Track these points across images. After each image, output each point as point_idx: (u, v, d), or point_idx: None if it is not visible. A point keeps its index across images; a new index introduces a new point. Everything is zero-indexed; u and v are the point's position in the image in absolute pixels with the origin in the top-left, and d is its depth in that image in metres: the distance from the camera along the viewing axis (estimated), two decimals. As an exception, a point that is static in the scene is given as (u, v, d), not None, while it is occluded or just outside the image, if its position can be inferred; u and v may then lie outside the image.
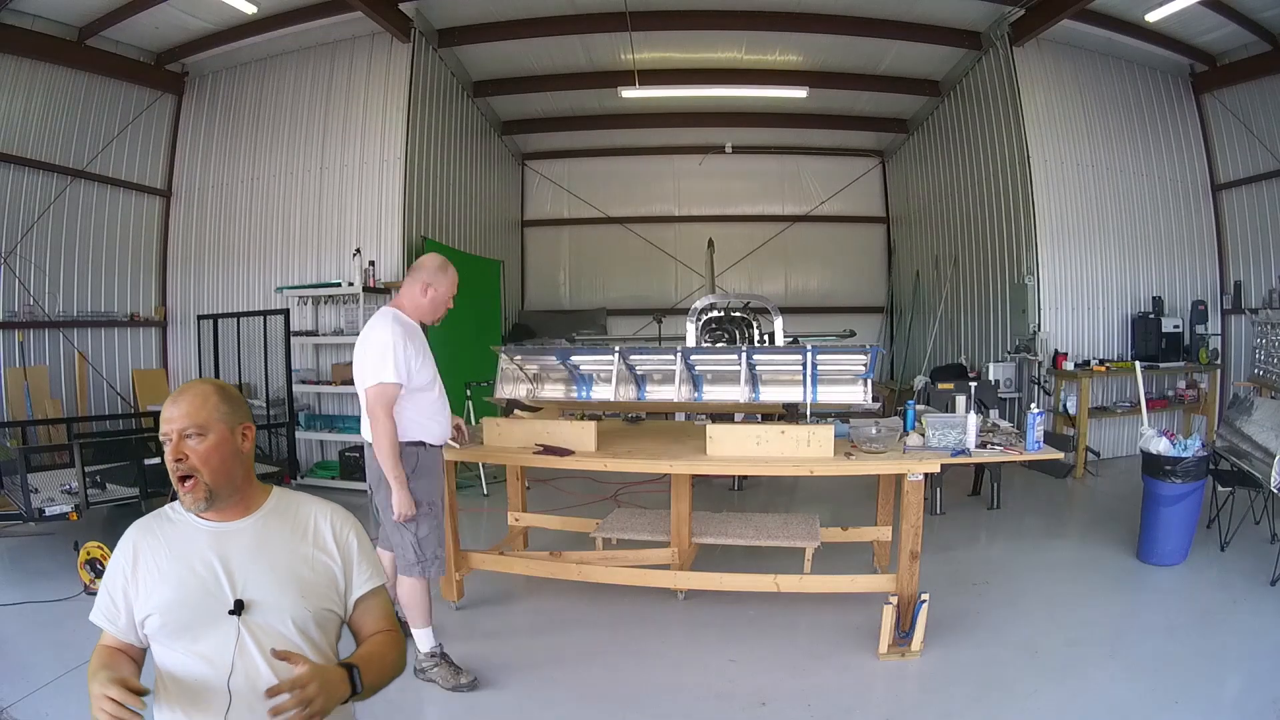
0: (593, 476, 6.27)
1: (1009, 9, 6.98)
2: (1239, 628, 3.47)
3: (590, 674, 3.16)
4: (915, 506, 3.26)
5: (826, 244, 11.50)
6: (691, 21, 7.43)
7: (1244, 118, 7.29)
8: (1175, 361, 7.03)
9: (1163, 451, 4.22)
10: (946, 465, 3.37)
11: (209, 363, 6.81)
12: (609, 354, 3.87)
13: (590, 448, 3.55)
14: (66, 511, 4.09)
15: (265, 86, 7.57)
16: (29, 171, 6.37)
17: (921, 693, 3.03)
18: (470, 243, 8.99)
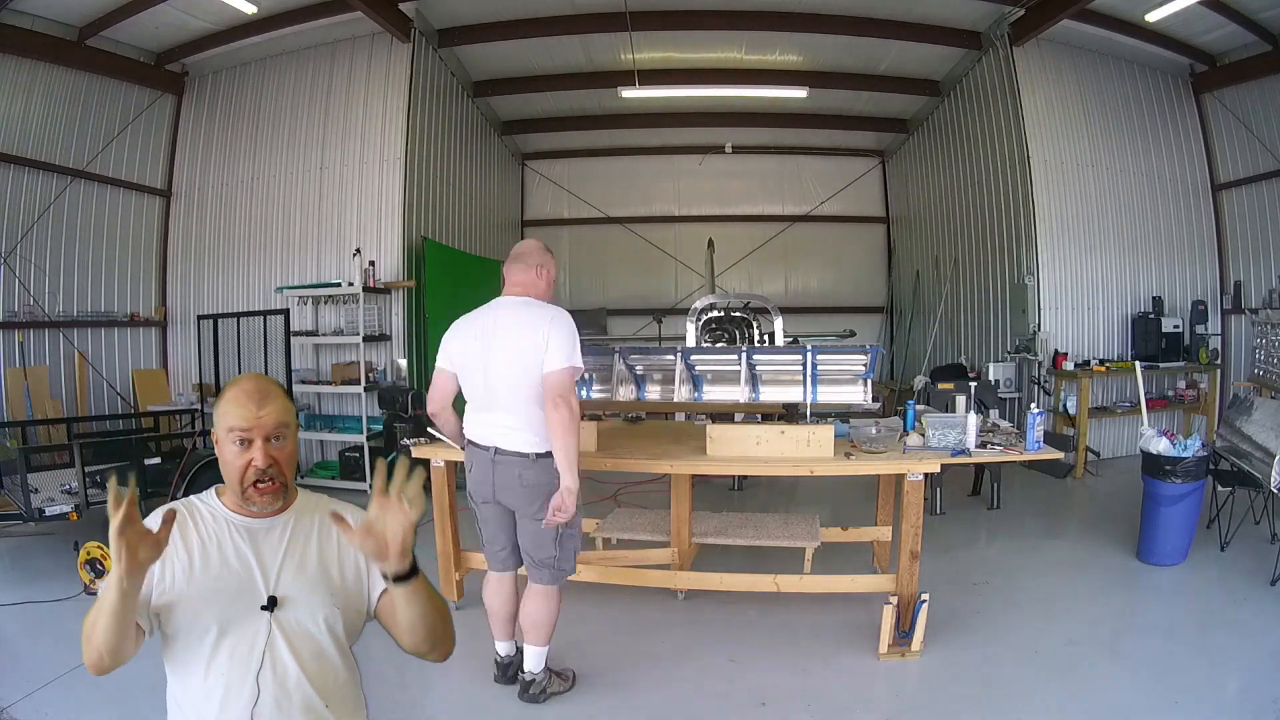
0: (593, 476, 6.24)
1: (1009, 9, 6.98)
2: (1239, 628, 3.48)
3: (590, 674, 3.16)
4: (915, 506, 3.26)
5: (826, 244, 11.50)
6: (691, 21, 7.43)
7: (1244, 118, 7.29)
8: (1175, 361, 7.03)
9: (1163, 451, 4.22)
10: (946, 465, 3.38)
11: (209, 363, 6.80)
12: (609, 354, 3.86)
13: (591, 448, 3.54)
14: (66, 511, 4.10)
15: (265, 86, 7.57)
16: (29, 171, 6.37)
17: (921, 693, 3.03)
18: (470, 243, 9.00)
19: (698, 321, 6.33)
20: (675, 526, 3.85)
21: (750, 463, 3.47)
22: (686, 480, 3.83)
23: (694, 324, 6.28)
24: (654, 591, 3.81)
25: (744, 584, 3.63)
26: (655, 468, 3.58)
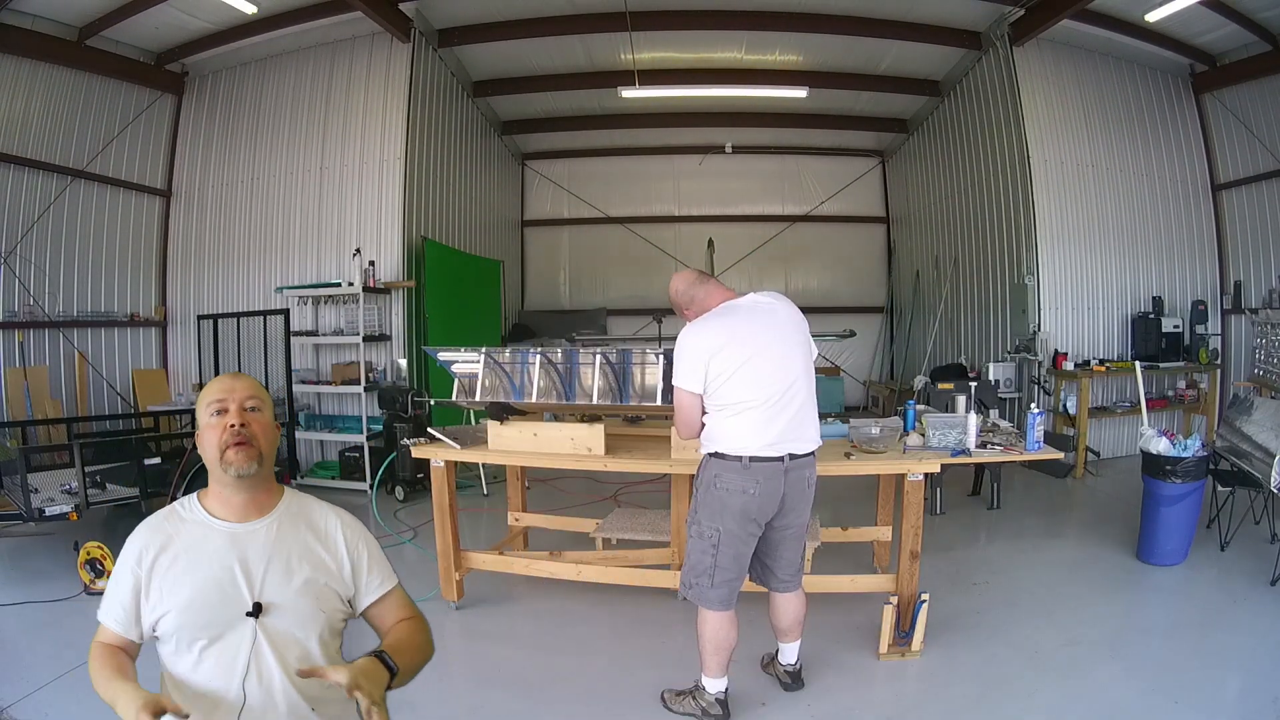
0: (593, 476, 6.27)
1: (1009, 9, 6.98)
2: (1239, 628, 3.48)
3: (590, 674, 3.16)
4: (915, 506, 3.26)
5: (826, 244, 11.50)
6: (691, 21, 7.43)
7: (1244, 118, 7.29)
8: (1175, 361, 7.03)
9: (1163, 451, 4.21)
10: (946, 465, 3.37)
11: (209, 363, 6.81)
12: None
13: (599, 451, 3.53)
14: (66, 511, 4.09)
15: (265, 86, 7.57)
16: (29, 171, 6.37)
17: (921, 693, 3.03)
18: (470, 243, 9.00)
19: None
20: (675, 526, 3.84)
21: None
22: (686, 480, 3.81)
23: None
24: (654, 591, 3.80)
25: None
26: (655, 468, 3.58)
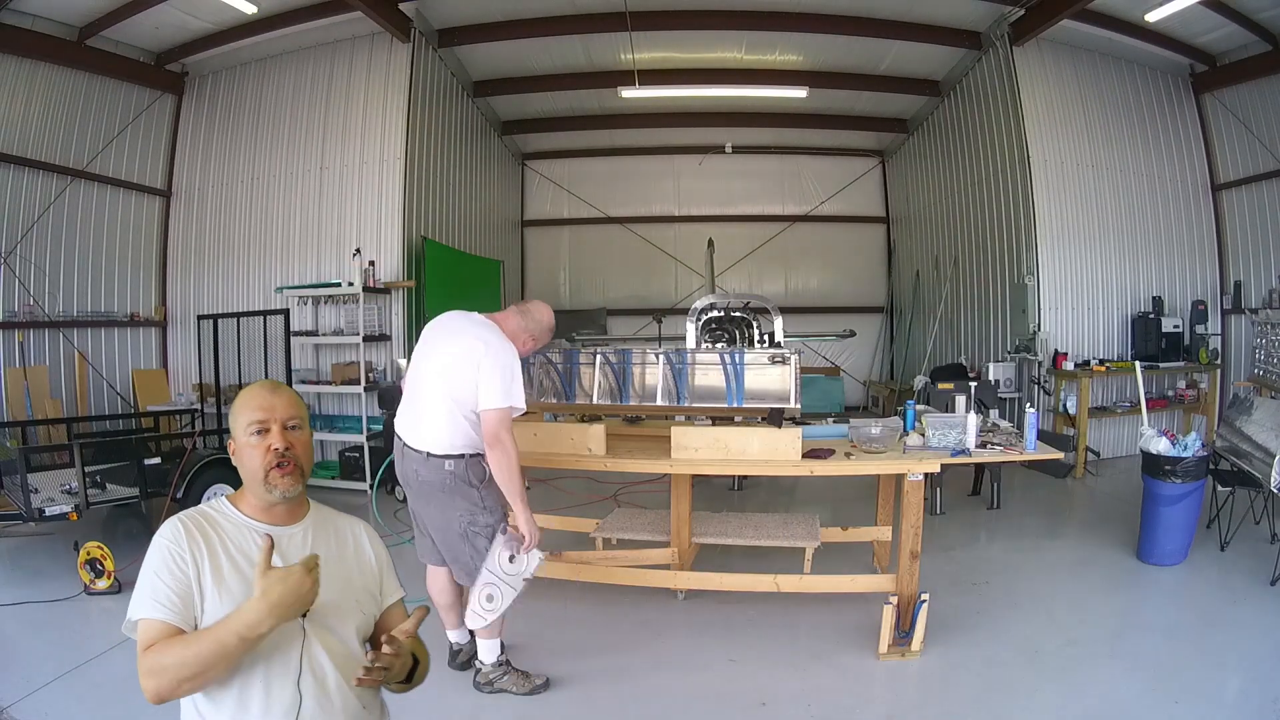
0: (593, 476, 6.27)
1: (1009, 9, 6.98)
2: (1239, 627, 3.48)
3: (590, 674, 3.16)
4: (915, 506, 3.26)
5: (826, 244, 11.50)
6: (691, 21, 7.43)
7: (1244, 118, 7.29)
8: (1175, 361, 7.03)
9: (1163, 451, 4.21)
10: (946, 465, 3.37)
11: (209, 363, 6.80)
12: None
13: (599, 451, 3.53)
14: (66, 511, 4.09)
15: (265, 86, 7.57)
16: (29, 171, 6.37)
17: (921, 693, 3.03)
18: (470, 243, 9.00)
19: (698, 321, 6.34)
20: (675, 526, 3.85)
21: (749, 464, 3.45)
22: (686, 480, 3.82)
23: (694, 324, 6.28)
24: (654, 591, 3.81)
25: (744, 584, 3.62)
26: (655, 468, 3.57)
